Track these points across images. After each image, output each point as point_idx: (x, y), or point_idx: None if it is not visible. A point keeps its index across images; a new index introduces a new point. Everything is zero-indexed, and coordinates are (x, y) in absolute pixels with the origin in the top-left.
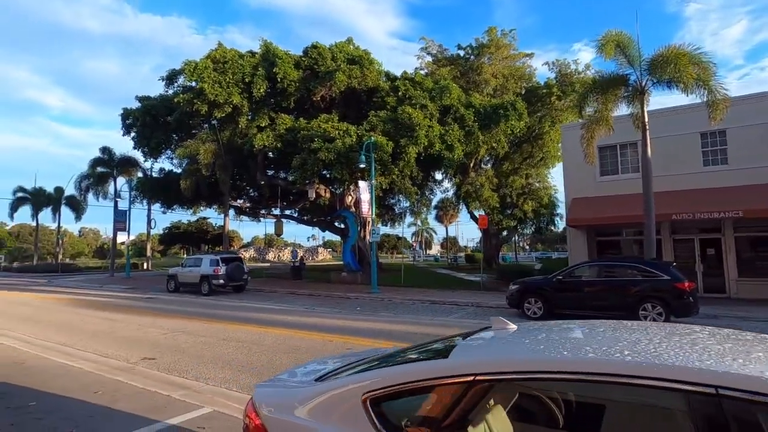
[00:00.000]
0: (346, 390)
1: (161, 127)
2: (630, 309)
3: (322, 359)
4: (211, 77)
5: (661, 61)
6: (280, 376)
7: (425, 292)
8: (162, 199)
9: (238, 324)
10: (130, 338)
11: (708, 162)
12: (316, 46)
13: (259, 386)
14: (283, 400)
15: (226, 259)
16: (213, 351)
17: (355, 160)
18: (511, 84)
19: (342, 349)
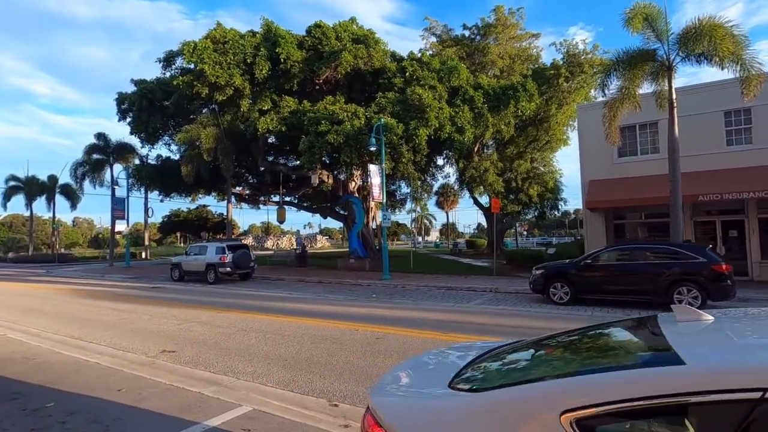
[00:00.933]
0: (526, 404)
1: (158, 111)
2: (663, 293)
3: (422, 357)
4: (212, 58)
5: (694, 35)
6: (392, 380)
7: (437, 278)
8: (160, 187)
9: (254, 313)
10: (143, 329)
11: (732, 141)
12: (319, 25)
13: (377, 395)
14: (422, 417)
15: (233, 247)
16: (235, 342)
17: (364, 143)
18: (518, 65)
19: (372, 338)
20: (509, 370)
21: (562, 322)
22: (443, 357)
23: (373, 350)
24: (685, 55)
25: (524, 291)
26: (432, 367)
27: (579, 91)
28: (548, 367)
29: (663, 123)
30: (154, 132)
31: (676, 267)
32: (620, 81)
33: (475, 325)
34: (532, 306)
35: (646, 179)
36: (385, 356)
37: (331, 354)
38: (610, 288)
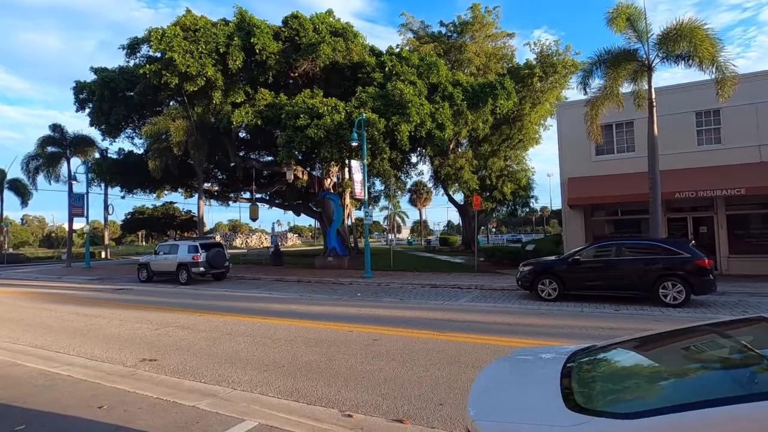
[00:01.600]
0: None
1: (122, 102)
2: (648, 288)
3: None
4: (182, 46)
5: (674, 36)
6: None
7: (420, 276)
8: (122, 182)
9: (236, 315)
10: (116, 336)
11: (702, 141)
12: (296, 16)
13: (483, 418)
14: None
15: (206, 245)
16: (222, 348)
17: (346, 138)
18: (493, 64)
19: (369, 340)
20: (645, 385)
21: (556, 318)
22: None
23: (374, 353)
24: (664, 56)
25: (509, 288)
26: (525, 379)
27: (552, 91)
28: (701, 382)
29: (638, 122)
30: (116, 124)
31: (661, 262)
32: (602, 80)
33: (471, 323)
34: (521, 303)
35: (623, 177)
36: (388, 359)
37: (330, 358)
38: (598, 284)
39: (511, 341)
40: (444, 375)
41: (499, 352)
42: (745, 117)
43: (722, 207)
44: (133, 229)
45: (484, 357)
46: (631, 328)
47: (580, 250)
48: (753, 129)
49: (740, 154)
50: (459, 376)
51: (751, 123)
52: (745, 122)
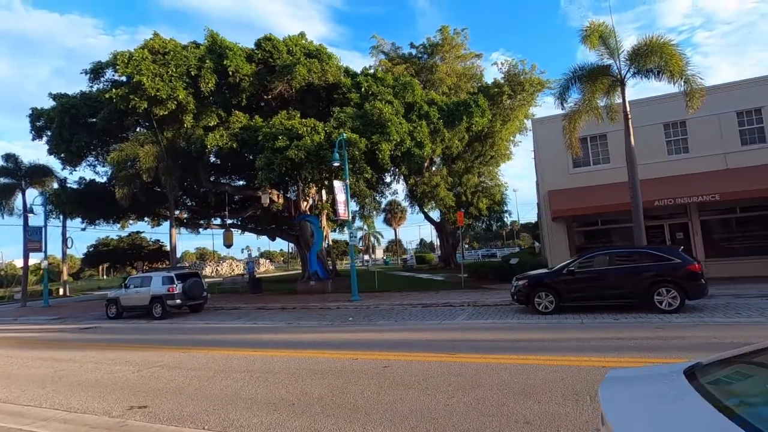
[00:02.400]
0: None
1: (83, 128)
2: (644, 295)
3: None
4: (150, 69)
5: (646, 51)
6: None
7: (408, 296)
8: (84, 213)
9: (224, 349)
10: (94, 382)
11: (672, 151)
12: (269, 38)
13: None
14: None
15: (182, 276)
16: (218, 387)
17: (327, 159)
18: (464, 83)
19: (378, 367)
20: None
21: (560, 332)
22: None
23: (388, 381)
24: (636, 70)
25: (502, 303)
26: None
27: (521, 108)
28: None
29: (611, 135)
30: (78, 151)
31: (655, 269)
32: (580, 94)
33: (478, 342)
34: (519, 317)
35: (601, 188)
36: (405, 387)
37: (342, 390)
38: (594, 294)
39: (527, 359)
40: (471, 401)
41: (521, 372)
42: (709, 127)
43: (696, 213)
44: (97, 262)
45: (506, 378)
46: (640, 337)
47: (573, 261)
48: (717, 138)
49: (707, 162)
50: (487, 400)
51: (715, 133)
52: (710, 132)
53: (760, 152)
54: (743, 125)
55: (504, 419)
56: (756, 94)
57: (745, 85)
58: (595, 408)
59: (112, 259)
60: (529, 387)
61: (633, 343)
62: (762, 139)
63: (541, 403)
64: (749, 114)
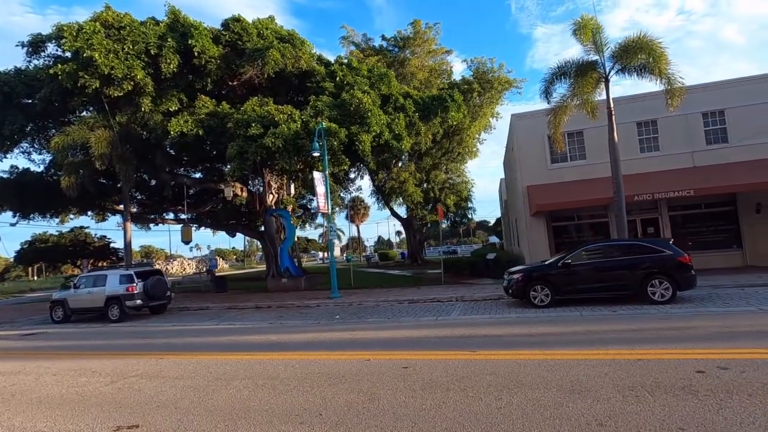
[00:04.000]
0: None
1: (18, 110)
2: (637, 287)
3: None
4: (104, 45)
5: (634, 48)
6: None
7: (389, 292)
8: (17, 206)
9: (209, 354)
10: (59, 398)
11: (644, 149)
12: (238, 19)
13: None
14: None
15: (142, 274)
16: (221, 398)
17: (305, 149)
18: (434, 79)
19: (398, 368)
20: None
21: (565, 325)
22: None
23: (420, 384)
24: (620, 67)
25: (490, 297)
26: None
27: (489, 106)
28: None
29: (588, 131)
30: (11, 135)
31: (648, 261)
32: (566, 89)
33: (489, 338)
34: (517, 311)
35: (579, 183)
36: (442, 389)
37: (372, 397)
38: (589, 286)
39: (553, 354)
40: (524, 402)
41: (558, 368)
42: (678, 127)
43: (665, 209)
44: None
45: (546, 375)
46: (652, 328)
47: (568, 255)
48: (685, 137)
49: (676, 159)
50: (541, 401)
51: (683, 132)
52: (678, 131)
53: (723, 151)
54: (708, 126)
55: (574, 421)
56: (719, 96)
57: (711, 88)
58: (662, 404)
59: (52, 257)
60: (577, 384)
61: (651, 335)
62: (725, 139)
63: (600, 401)
64: (713, 115)
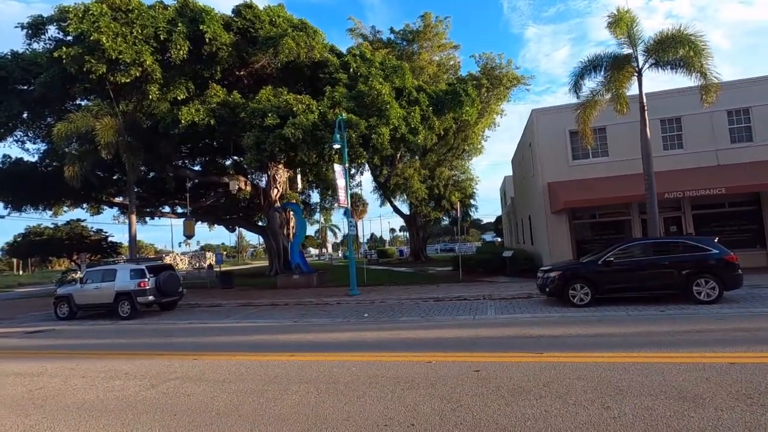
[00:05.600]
0: None
1: (15, 96)
2: (682, 286)
3: None
4: (111, 28)
5: (671, 43)
6: None
7: (408, 290)
8: (10, 197)
9: (245, 354)
10: (98, 405)
11: (667, 146)
12: (250, 5)
13: None
14: None
15: (154, 269)
16: (286, 406)
17: (324, 140)
18: (442, 74)
19: (468, 371)
20: None
21: (616, 326)
22: None
23: (505, 389)
24: (654, 62)
25: (519, 295)
26: None
27: (497, 102)
28: None
29: (611, 128)
30: (7, 122)
31: (693, 260)
32: (599, 84)
33: (543, 338)
34: (558, 310)
35: (600, 180)
36: (535, 397)
37: (459, 404)
38: (632, 285)
39: (630, 356)
40: (637, 410)
41: (651, 372)
42: (702, 124)
43: (689, 207)
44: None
45: (641, 381)
46: (715, 329)
47: (608, 252)
48: (710, 135)
49: (701, 158)
50: (655, 410)
51: (708, 130)
52: (703, 129)
53: (747, 150)
54: (733, 123)
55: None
56: (745, 94)
57: (736, 86)
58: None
59: (48, 250)
60: (683, 390)
61: (723, 336)
62: (749, 138)
63: (724, 410)
64: (738, 113)
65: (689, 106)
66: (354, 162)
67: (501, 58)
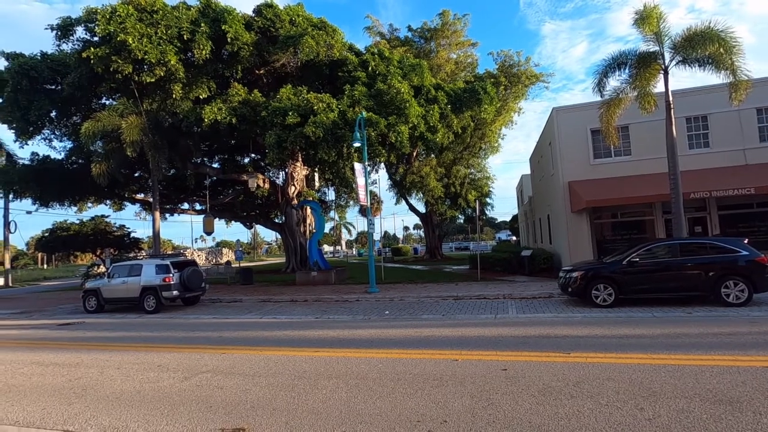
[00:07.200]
0: None
1: (44, 95)
2: (709, 288)
3: None
4: (137, 29)
5: (700, 39)
6: None
7: (427, 288)
8: (38, 194)
9: (275, 349)
10: (135, 395)
11: (692, 145)
12: (270, 5)
13: None
14: None
15: (178, 264)
16: (318, 400)
17: (344, 138)
18: (459, 71)
19: (495, 370)
20: None
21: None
22: None
23: (535, 389)
24: (681, 59)
25: (540, 295)
26: None
27: (514, 100)
28: None
29: (634, 126)
30: (35, 121)
31: (721, 261)
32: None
33: (567, 338)
34: (580, 311)
35: (624, 179)
36: (567, 396)
37: (489, 402)
38: (657, 286)
39: (661, 358)
40: (675, 413)
41: (679, 374)
42: (730, 123)
43: (714, 207)
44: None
45: (674, 383)
46: (744, 332)
47: (633, 252)
48: (737, 134)
49: (728, 157)
50: (693, 413)
51: (736, 128)
52: (730, 127)
53: None
54: (762, 122)
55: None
56: None
57: (766, 83)
58: None
59: (73, 245)
60: (718, 393)
61: (757, 340)
62: None
63: (761, 414)
64: None
65: (716, 103)
66: (373, 160)
67: (519, 55)
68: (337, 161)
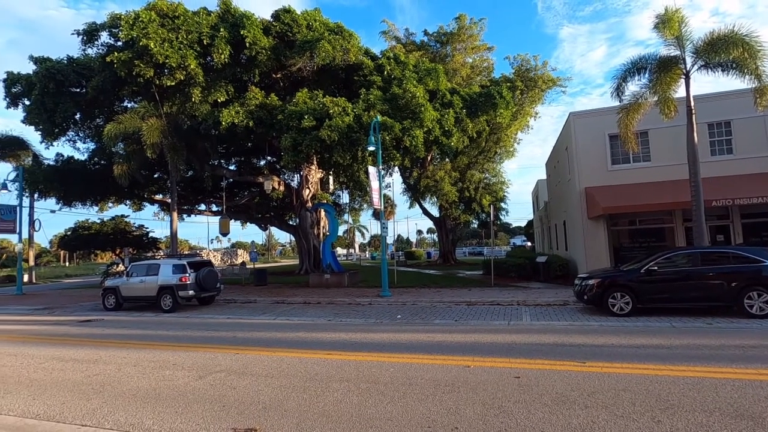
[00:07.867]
0: None
1: (69, 98)
2: (732, 299)
3: None
4: (159, 34)
5: (723, 43)
6: None
7: (440, 293)
8: (62, 193)
9: (288, 351)
10: (150, 391)
11: (715, 152)
12: (288, 10)
13: None
14: None
15: (195, 264)
16: (329, 403)
17: (358, 142)
18: (475, 75)
19: (508, 377)
20: None
21: (660, 337)
22: None
23: (548, 397)
24: (703, 64)
25: (555, 302)
26: None
27: (531, 105)
28: None
29: (653, 132)
30: (62, 122)
31: (745, 271)
32: (642, 87)
33: (582, 347)
34: (596, 319)
35: (642, 186)
36: (581, 407)
37: (502, 410)
38: (676, 295)
39: (680, 370)
40: (692, 427)
41: (698, 387)
42: (754, 128)
43: (737, 216)
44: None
45: (692, 395)
46: (764, 345)
47: (651, 261)
48: (762, 140)
49: (751, 164)
50: (713, 427)
51: (760, 134)
52: (755, 133)
53: None
54: None
55: None
56: None
57: None
58: None
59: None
60: (739, 408)
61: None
62: None
63: None
64: None
65: (740, 109)
66: (387, 164)
67: (536, 59)
68: (351, 164)
